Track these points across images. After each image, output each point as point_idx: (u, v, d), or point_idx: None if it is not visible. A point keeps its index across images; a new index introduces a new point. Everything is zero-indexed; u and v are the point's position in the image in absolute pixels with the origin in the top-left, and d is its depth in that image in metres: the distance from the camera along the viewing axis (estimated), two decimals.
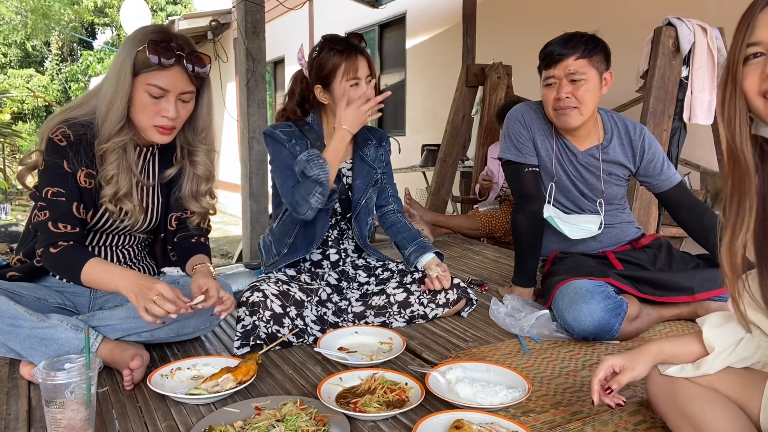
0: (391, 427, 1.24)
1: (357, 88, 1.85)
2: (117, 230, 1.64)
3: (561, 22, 3.03)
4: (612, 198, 2.05)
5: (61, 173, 1.48)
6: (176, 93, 1.51)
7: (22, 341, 1.42)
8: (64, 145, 1.48)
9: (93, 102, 1.55)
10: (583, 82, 1.87)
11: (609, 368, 1.17)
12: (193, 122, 1.65)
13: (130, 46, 1.49)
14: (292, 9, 6.41)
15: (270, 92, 10.49)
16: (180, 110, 1.54)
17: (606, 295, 1.71)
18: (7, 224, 6.45)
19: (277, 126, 1.93)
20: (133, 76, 1.48)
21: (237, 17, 4.34)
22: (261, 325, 1.65)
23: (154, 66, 1.46)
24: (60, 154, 1.48)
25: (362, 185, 1.99)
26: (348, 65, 1.84)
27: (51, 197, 1.47)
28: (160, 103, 1.51)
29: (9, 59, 17.22)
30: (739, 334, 1.10)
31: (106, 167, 1.52)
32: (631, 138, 2.02)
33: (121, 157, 1.54)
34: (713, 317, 1.14)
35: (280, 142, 1.89)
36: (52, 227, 1.46)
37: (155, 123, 1.53)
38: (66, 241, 1.46)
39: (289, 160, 1.87)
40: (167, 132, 1.55)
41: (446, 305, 1.93)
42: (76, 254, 1.47)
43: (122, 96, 1.48)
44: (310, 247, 1.94)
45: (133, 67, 1.47)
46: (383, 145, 2.07)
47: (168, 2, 17.38)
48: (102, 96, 1.52)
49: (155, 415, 1.30)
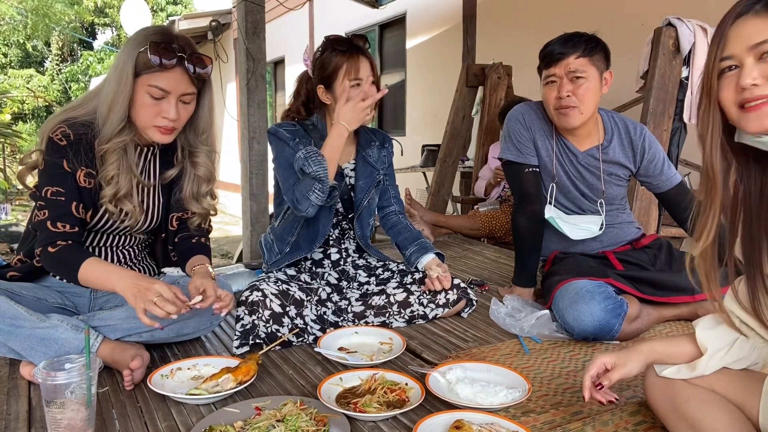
0: (392, 427, 1.24)
1: (358, 88, 1.85)
2: (117, 231, 1.64)
3: (561, 22, 3.03)
4: (612, 198, 2.05)
5: (60, 173, 1.48)
6: (177, 94, 1.51)
7: (23, 341, 1.42)
8: (64, 144, 1.48)
9: (94, 102, 1.54)
10: (584, 81, 1.87)
11: (601, 365, 1.19)
12: (194, 123, 1.64)
13: (131, 47, 1.49)
14: (292, 9, 6.42)
15: (270, 92, 10.49)
16: (181, 111, 1.54)
17: (606, 295, 1.71)
18: (8, 224, 6.46)
19: (281, 125, 1.94)
20: (135, 77, 1.48)
21: (237, 17, 4.34)
22: (260, 325, 1.65)
23: (155, 67, 1.46)
24: (60, 154, 1.48)
25: (365, 186, 1.99)
26: (350, 66, 1.84)
27: (50, 197, 1.47)
28: (161, 104, 1.51)
29: (9, 59, 17.22)
30: (734, 335, 1.10)
31: (106, 168, 1.52)
32: (632, 138, 2.02)
33: (121, 158, 1.53)
34: (707, 319, 1.15)
35: (283, 141, 1.89)
36: (50, 226, 1.46)
37: (156, 123, 1.53)
38: (64, 241, 1.46)
39: (292, 158, 1.87)
40: (168, 132, 1.55)
41: (446, 305, 1.93)
42: (74, 253, 1.47)
43: (124, 97, 1.48)
44: (313, 246, 1.94)
45: (135, 68, 1.47)
46: (386, 147, 2.08)
47: (168, 2, 17.37)
48: (103, 96, 1.52)
49: (155, 415, 1.30)
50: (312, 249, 1.94)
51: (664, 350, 1.16)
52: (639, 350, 1.17)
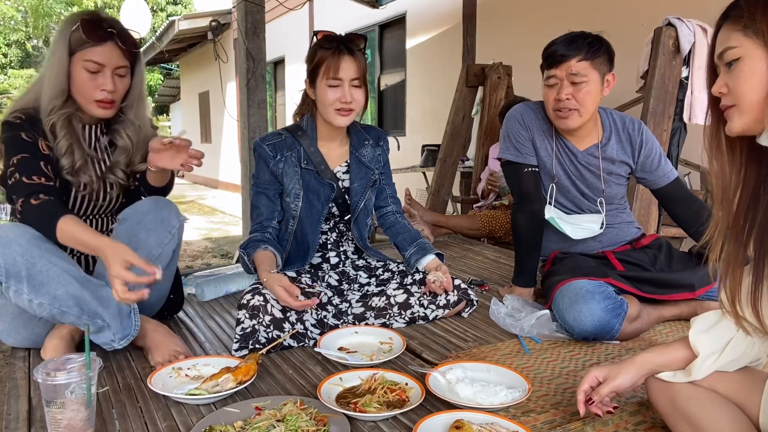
0: (391, 427, 1.24)
1: (336, 89, 1.79)
2: (93, 214, 1.74)
3: (561, 22, 3.03)
4: (612, 198, 2.05)
5: (21, 142, 1.56)
6: (112, 67, 1.63)
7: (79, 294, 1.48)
8: (19, 122, 1.58)
9: (37, 87, 1.65)
10: (585, 85, 1.86)
11: (593, 379, 1.19)
12: (127, 97, 1.74)
13: (63, 28, 1.61)
14: (292, 9, 6.42)
15: (270, 92, 10.49)
16: (117, 84, 1.65)
17: (606, 295, 1.71)
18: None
19: (265, 138, 1.92)
20: (70, 56, 1.60)
21: (237, 17, 4.35)
22: (261, 330, 1.63)
23: (88, 43, 1.58)
24: (17, 128, 1.57)
25: (360, 188, 1.96)
26: (330, 63, 1.77)
27: (18, 162, 1.54)
28: (98, 78, 1.62)
29: (9, 59, 17.23)
30: (727, 336, 1.10)
31: (59, 140, 1.61)
32: (630, 133, 2.02)
33: (69, 131, 1.63)
34: (702, 320, 1.14)
35: (264, 159, 1.89)
36: (26, 180, 1.52)
37: (96, 97, 1.63)
38: (46, 195, 1.52)
39: (265, 188, 1.90)
40: (108, 106, 1.66)
41: (447, 307, 1.93)
42: (55, 207, 1.51)
43: (59, 72, 1.59)
44: (306, 260, 1.94)
45: (69, 47, 1.59)
46: (380, 145, 2.03)
47: (168, 2, 17.39)
48: (44, 79, 1.63)
49: (155, 415, 1.30)
50: (305, 263, 1.94)
51: (659, 360, 1.16)
52: (632, 362, 1.17)
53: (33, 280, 1.45)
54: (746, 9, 0.94)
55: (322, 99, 1.82)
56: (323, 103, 1.83)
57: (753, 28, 0.93)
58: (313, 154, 1.90)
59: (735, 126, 0.98)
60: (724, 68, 0.99)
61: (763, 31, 0.92)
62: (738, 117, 0.97)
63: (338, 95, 1.79)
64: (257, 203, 1.93)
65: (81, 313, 1.50)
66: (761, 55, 0.93)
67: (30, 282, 1.45)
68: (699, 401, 1.09)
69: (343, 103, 1.80)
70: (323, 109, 1.85)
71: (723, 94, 0.99)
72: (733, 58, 0.96)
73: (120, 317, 1.55)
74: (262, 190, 1.91)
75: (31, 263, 1.45)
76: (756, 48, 0.93)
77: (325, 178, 1.91)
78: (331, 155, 1.95)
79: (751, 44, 0.94)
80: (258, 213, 1.92)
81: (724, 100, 0.99)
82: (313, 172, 1.90)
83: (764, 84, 0.93)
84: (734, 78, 0.96)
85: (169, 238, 1.70)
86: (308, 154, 1.90)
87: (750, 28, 0.94)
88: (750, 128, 0.97)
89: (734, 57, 0.96)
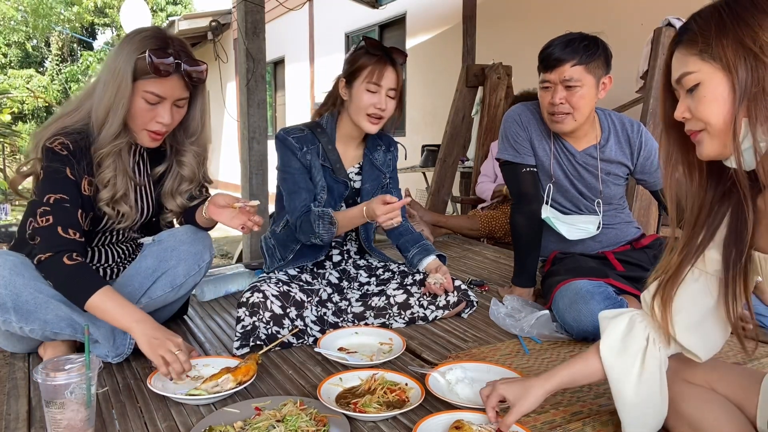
0: (391, 427, 1.24)
1: (374, 95, 1.83)
2: (110, 229, 1.65)
3: (561, 22, 3.03)
4: (610, 198, 2.05)
5: (63, 179, 1.46)
6: (172, 100, 1.53)
7: None
8: (65, 154, 1.46)
9: (87, 105, 1.53)
10: (578, 89, 1.85)
11: (499, 396, 1.17)
12: (185, 124, 1.66)
13: (129, 52, 1.47)
14: (292, 9, 6.41)
15: (270, 92, 10.49)
16: (174, 115, 1.56)
17: (606, 295, 1.71)
18: (8, 224, 6.45)
19: (289, 131, 1.92)
20: (132, 82, 1.48)
21: (237, 17, 4.34)
22: (261, 326, 1.65)
23: (152, 74, 1.46)
24: (62, 162, 1.46)
25: (371, 189, 2.00)
26: (374, 69, 1.82)
27: (54, 203, 1.44)
28: (156, 109, 1.52)
29: (9, 59, 17.22)
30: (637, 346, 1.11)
31: (103, 171, 1.52)
32: (629, 135, 2.02)
33: (117, 160, 1.54)
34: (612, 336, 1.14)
35: (291, 150, 1.88)
36: (62, 232, 1.42)
37: (149, 128, 1.54)
38: (79, 255, 1.42)
39: (299, 174, 1.87)
40: (159, 138, 1.58)
41: (446, 307, 1.93)
42: (89, 276, 1.42)
43: (123, 103, 1.48)
44: (319, 254, 1.96)
45: (134, 73, 1.47)
46: (391, 150, 2.08)
47: (168, 2, 17.37)
48: (97, 99, 1.50)
49: (155, 415, 1.30)
50: (318, 257, 1.95)
51: (568, 377, 1.16)
52: (538, 385, 1.15)
53: (20, 310, 1.43)
54: (699, 33, 0.92)
55: (357, 101, 1.84)
56: (357, 106, 1.85)
57: (709, 52, 0.91)
58: (330, 152, 1.92)
59: (706, 150, 0.96)
60: (684, 93, 0.97)
61: (720, 56, 0.90)
62: (709, 141, 0.95)
63: (374, 101, 1.83)
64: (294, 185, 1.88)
65: (74, 332, 1.50)
66: (721, 78, 0.91)
67: (17, 312, 1.44)
68: (698, 401, 1.10)
69: (377, 109, 1.83)
70: (356, 111, 1.86)
71: (686, 119, 0.97)
72: (693, 84, 0.94)
73: (113, 336, 1.53)
74: (297, 174, 1.88)
75: (15, 294, 1.42)
76: (715, 72, 0.91)
77: (340, 176, 1.93)
78: (346, 156, 1.98)
79: (709, 69, 0.92)
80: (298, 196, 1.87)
81: (689, 124, 0.97)
82: (329, 170, 1.93)
83: (728, 108, 0.91)
84: (696, 103, 0.94)
85: (197, 271, 1.69)
86: (326, 151, 1.92)
87: (706, 52, 0.91)
88: (721, 153, 0.95)
89: (694, 82, 0.93)
